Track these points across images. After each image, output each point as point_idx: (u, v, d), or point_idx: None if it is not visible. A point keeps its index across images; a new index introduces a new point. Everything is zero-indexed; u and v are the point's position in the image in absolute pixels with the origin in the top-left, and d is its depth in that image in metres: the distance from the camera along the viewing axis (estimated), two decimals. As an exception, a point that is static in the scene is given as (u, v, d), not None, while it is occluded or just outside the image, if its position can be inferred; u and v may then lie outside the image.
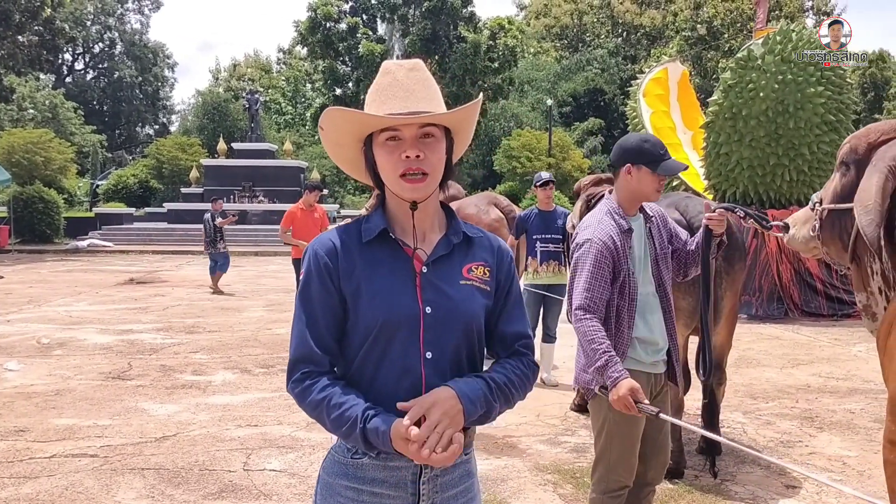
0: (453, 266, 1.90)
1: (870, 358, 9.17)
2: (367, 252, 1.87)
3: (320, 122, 1.89)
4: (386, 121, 1.80)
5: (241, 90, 59.90)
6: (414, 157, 1.80)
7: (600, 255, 3.20)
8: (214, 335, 10.42)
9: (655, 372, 3.37)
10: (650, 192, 3.28)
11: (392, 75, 1.87)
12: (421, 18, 31.31)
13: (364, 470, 1.86)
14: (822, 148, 12.96)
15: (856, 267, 2.84)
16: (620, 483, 3.34)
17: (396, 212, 1.92)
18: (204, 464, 5.27)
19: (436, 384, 1.81)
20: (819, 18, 51.97)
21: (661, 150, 3.29)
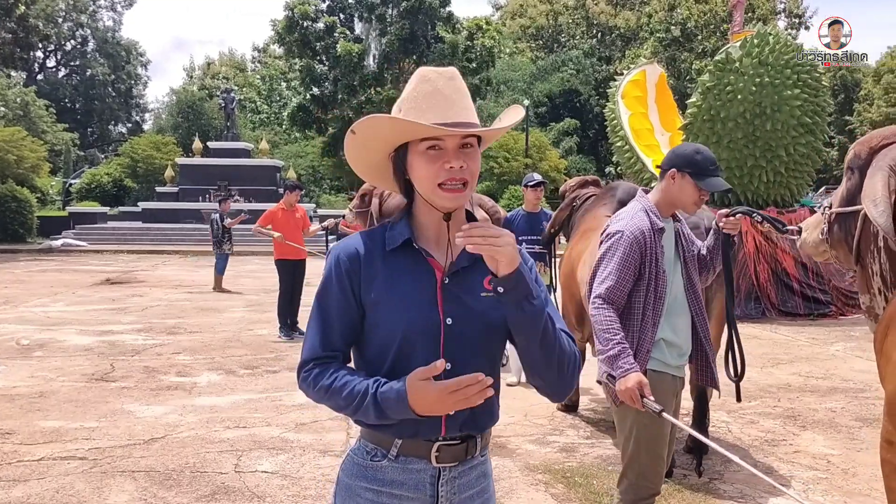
0: (475, 277, 1.88)
1: (847, 357, 9.33)
2: (390, 260, 1.87)
3: (354, 126, 1.86)
4: (437, 130, 1.77)
5: (215, 89, 59.49)
6: (458, 168, 1.79)
7: (630, 249, 3.22)
8: (196, 336, 10.36)
9: (679, 375, 3.42)
10: (688, 202, 3.32)
11: (432, 84, 1.84)
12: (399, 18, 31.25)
13: (383, 472, 1.87)
14: (799, 149, 13.15)
15: (860, 269, 2.90)
16: (651, 490, 3.34)
17: (425, 221, 1.91)
18: (195, 466, 5.25)
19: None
20: (791, 21, 52.62)
21: (711, 165, 3.31)
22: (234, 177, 33.52)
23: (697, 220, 5.18)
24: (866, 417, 6.62)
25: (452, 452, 1.87)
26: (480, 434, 1.93)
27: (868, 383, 7.88)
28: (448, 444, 1.86)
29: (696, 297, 3.38)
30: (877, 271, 2.81)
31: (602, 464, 5.42)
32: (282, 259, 10.42)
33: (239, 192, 33.10)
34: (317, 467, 5.27)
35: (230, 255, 16.07)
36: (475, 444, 1.92)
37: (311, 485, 4.95)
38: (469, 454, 1.91)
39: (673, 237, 3.38)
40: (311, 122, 33.33)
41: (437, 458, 1.86)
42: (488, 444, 2.00)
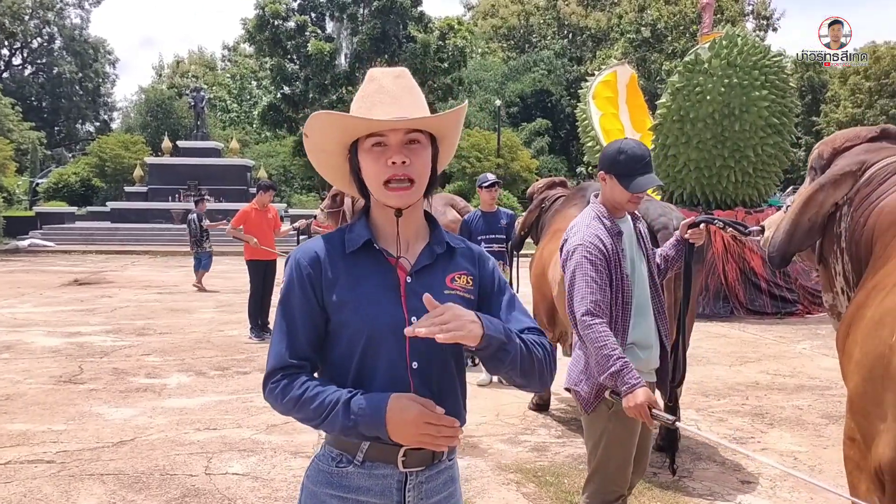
0: (437, 275, 1.90)
1: (814, 355, 9.46)
2: (350, 262, 1.87)
3: (305, 128, 1.88)
4: (372, 124, 1.79)
5: (185, 87, 59.01)
6: (400, 164, 1.79)
7: (593, 258, 3.16)
8: (166, 337, 10.28)
9: (651, 380, 3.40)
10: (622, 202, 3.24)
11: (378, 82, 1.86)
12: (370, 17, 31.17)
13: (349, 478, 1.85)
14: (766, 150, 13.31)
15: (823, 269, 2.95)
16: (617, 493, 3.34)
17: (381, 221, 1.91)
18: (164, 468, 5.21)
19: (423, 394, 1.81)
20: (759, 23, 53.20)
21: (636, 164, 3.18)
22: (204, 176, 33.26)
23: (666, 220, 5.21)
24: (832, 414, 6.71)
25: (419, 457, 1.86)
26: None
27: (834, 381, 7.99)
28: (415, 449, 1.84)
29: (658, 295, 3.37)
30: (839, 271, 2.86)
31: (573, 462, 5.45)
32: (253, 260, 10.36)
33: (209, 191, 32.79)
34: (288, 469, 5.25)
35: (212, 253, 16.45)
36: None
37: (283, 486, 4.93)
38: (436, 458, 1.90)
39: (634, 237, 3.34)
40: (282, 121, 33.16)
41: (404, 463, 1.84)
42: (455, 448, 1.98)
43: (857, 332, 2.49)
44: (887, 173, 2.64)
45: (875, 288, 2.49)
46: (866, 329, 2.42)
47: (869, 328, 2.40)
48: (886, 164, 2.66)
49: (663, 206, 5.59)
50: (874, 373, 2.34)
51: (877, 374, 2.33)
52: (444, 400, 1.85)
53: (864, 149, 2.73)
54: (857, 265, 2.77)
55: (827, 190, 2.71)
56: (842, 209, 2.76)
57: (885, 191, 2.67)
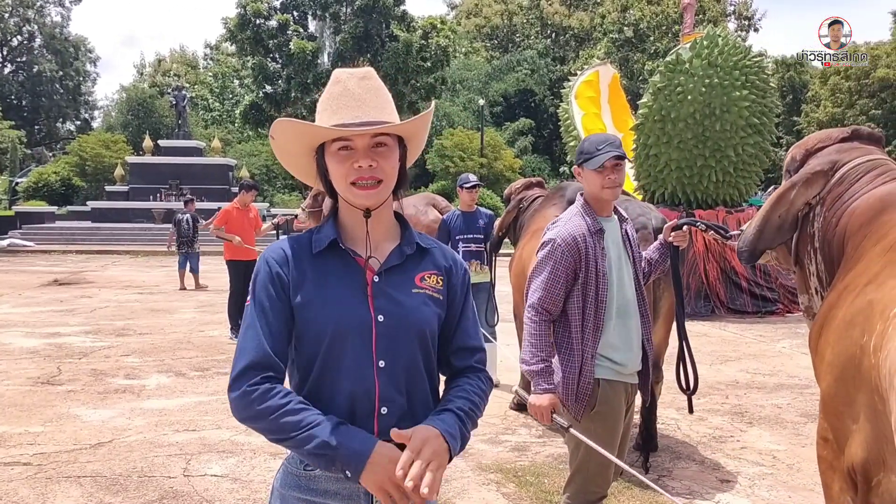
0: (406, 275, 1.90)
1: (794, 354, 9.51)
2: (317, 262, 1.86)
3: (270, 131, 1.88)
4: (336, 132, 1.79)
5: (166, 86, 58.71)
6: (367, 167, 1.80)
7: (562, 257, 3.19)
8: (146, 338, 10.21)
9: (632, 382, 3.41)
10: (597, 190, 3.25)
11: (343, 84, 1.86)
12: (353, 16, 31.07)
13: (317, 482, 1.84)
14: (747, 150, 13.39)
15: (799, 270, 2.96)
16: (598, 494, 3.36)
17: (349, 221, 1.91)
18: (143, 470, 5.17)
19: (390, 394, 1.81)
20: (741, 23, 53.50)
21: (598, 145, 3.24)
22: (186, 175, 33.09)
23: (645, 220, 5.23)
24: (811, 413, 6.75)
25: None
26: None
27: (813, 380, 7.99)
28: None
29: (643, 298, 3.38)
30: (813, 272, 2.87)
31: (553, 462, 5.45)
32: (233, 260, 10.30)
33: (191, 190, 32.63)
34: (267, 470, 5.23)
35: (199, 253, 16.59)
36: None
37: (262, 488, 4.90)
38: None
39: (619, 237, 3.34)
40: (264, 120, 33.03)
41: None
42: None
43: (829, 332, 2.51)
44: (859, 173, 2.66)
45: (846, 289, 2.50)
46: (838, 330, 2.43)
47: (840, 329, 2.41)
48: (858, 163, 2.67)
49: (643, 205, 5.61)
50: (846, 373, 2.35)
51: (848, 374, 2.34)
52: (412, 400, 1.86)
53: (836, 149, 2.75)
54: (829, 266, 2.78)
55: (798, 188, 2.72)
56: (815, 209, 2.78)
57: (857, 191, 2.68)
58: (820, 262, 2.80)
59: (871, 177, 2.64)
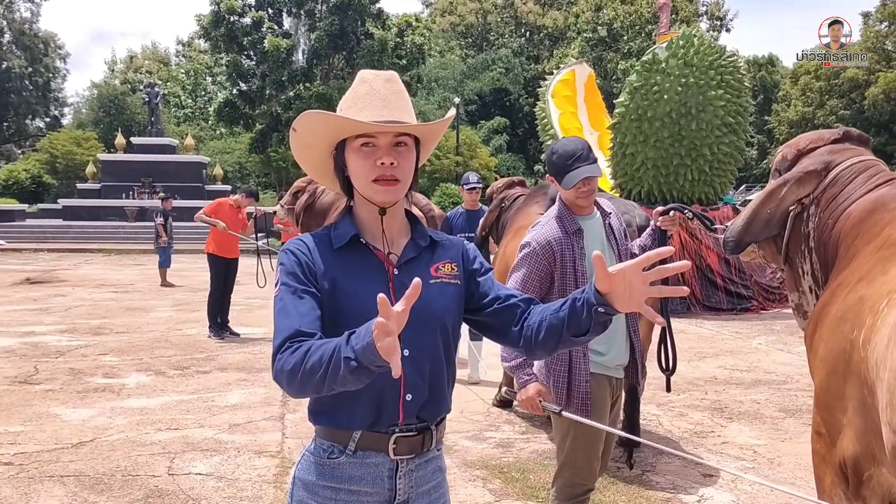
0: (422, 267, 1.95)
1: (770, 350, 9.64)
2: (339, 258, 1.90)
3: (294, 123, 1.91)
4: (366, 126, 1.84)
5: (138, 83, 58.12)
6: (388, 164, 1.85)
7: (536, 260, 3.27)
8: (123, 336, 10.12)
9: (617, 376, 3.44)
10: (571, 200, 3.32)
11: (369, 84, 1.91)
12: (328, 14, 30.90)
13: (341, 469, 1.89)
14: (722, 149, 13.52)
15: (789, 268, 3.00)
16: (586, 487, 3.39)
17: (365, 218, 1.96)
18: (126, 469, 5.14)
19: (415, 381, 1.86)
20: (713, 23, 53.97)
21: (567, 160, 3.26)
22: (158, 173, 32.84)
23: (630, 217, 5.28)
24: (789, 408, 6.85)
25: (409, 444, 1.90)
26: (435, 425, 1.96)
27: (790, 375, 8.16)
28: (405, 436, 1.89)
29: None
30: (807, 271, 2.91)
31: (538, 458, 5.49)
32: (214, 255, 10.23)
33: (164, 188, 32.37)
34: (252, 468, 5.21)
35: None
36: (431, 436, 1.95)
37: (248, 486, 4.89)
38: (425, 446, 1.94)
39: (602, 232, 3.38)
40: (239, 117, 32.78)
41: (395, 451, 1.88)
42: (443, 437, 2.03)
43: (822, 328, 2.55)
44: (852, 174, 2.70)
45: (839, 286, 2.54)
46: (830, 326, 2.48)
47: (832, 325, 2.46)
48: (850, 164, 2.72)
49: (626, 203, 5.66)
50: (837, 368, 2.39)
51: (839, 369, 2.38)
52: (433, 387, 1.91)
53: (828, 150, 2.80)
54: (825, 267, 2.82)
55: (790, 186, 2.76)
56: (808, 209, 2.82)
57: (851, 193, 2.72)
58: (815, 262, 2.84)
59: (864, 178, 2.69)
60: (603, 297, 1.74)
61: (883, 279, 2.31)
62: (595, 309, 1.76)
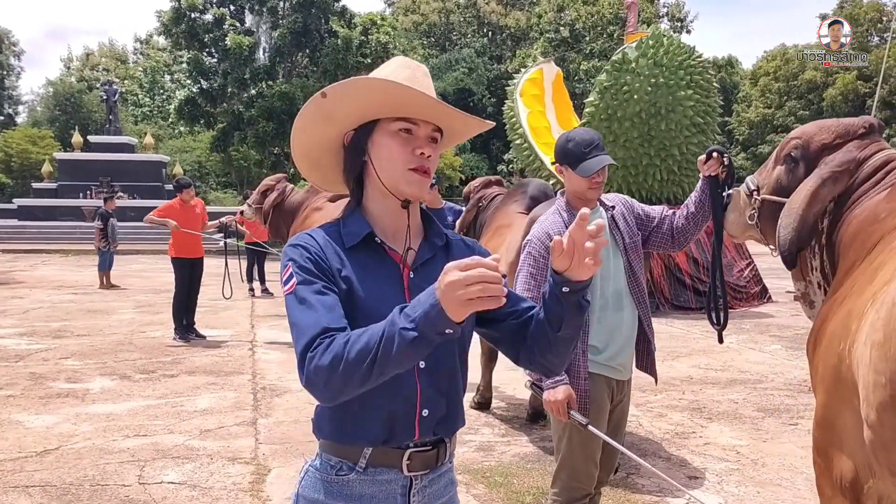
0: (437, 269, 1.78)
1: (742, 349, 9.65)
2: (352, 257, 1.74)
3: (327, 88, 1.71)
4: (428, 102, 1.69)
5: (95, 80, 57.15)
6: (426, 157, 1.73)
7: (537, 254, 3.20)
8: (85, 339, 9.83)
9: (617, 378, 3.33)
10: (582, 190, 3.23)
11: (412, 71, 1.77)
12: (291, 11, 30.52)
13: (350, 486, 1.75)
14: (691, 149, 13.55)
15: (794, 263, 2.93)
16: (584, 491, 3.30)
17: (379, 213, 1.80)
18: (94, 478, 4.92)
19: (432, 396, 1.73)
20: (674, 24, 54.45)
21: (584, 148, 3.19)
22: (117, 172, 32.29)
23: None
24: (767, 408, 6.83)
25: (424, 459, 1.77)
26: (450, 438, 1.84)
27: (764, 374, 8.16)
28: (419, 451, 1.76)
29: (639, 287, 3.32)
30: (816, 266, 2.85)
31: (521, 462, 5.38)
32: (179, 257, 9.96)
33: (123, 188, 31.86)
34: (227, 476, 5.03)
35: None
36: (445, 450, 1.82)
37: (223, 494, 4.71)
38: (440, 461, 1.81)
39: (606, 227, 3.29)
40: (200, 115, 32.27)
41: (409, 467, 1.75)
42: (454, 450, 1.90)
43: (820, 346, 2.54)
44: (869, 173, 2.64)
45: (835, 302, 2.54)
46: (826, 343, 2.48)
47: (827, 343, 2.47)
48: (874, 163, 2.65)
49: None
50: (832, 385, 2.40)
51: (833, 386, 2.39)
52: (450, 402, 1.78)
53: (857, 145, 2.71)
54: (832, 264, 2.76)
55: (828, 186, 2.66)
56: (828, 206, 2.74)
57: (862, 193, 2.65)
58: (826, 258, 2.77)
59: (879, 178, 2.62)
60: (562, 275, 1.56)
61: (869, 288, 2.31)
62: (560, 290, 1.58)
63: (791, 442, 5.86)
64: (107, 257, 16.08)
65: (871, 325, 2.02)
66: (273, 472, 5.12)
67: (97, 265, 16.33)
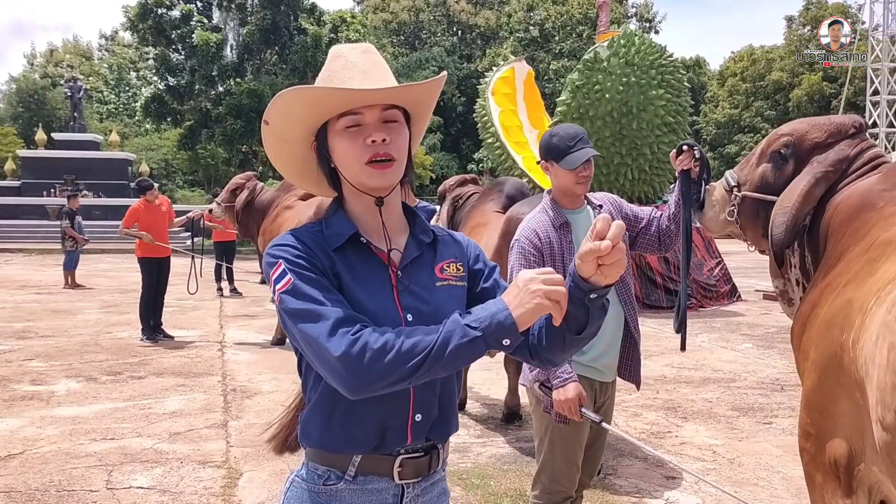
0: (426, 267, 1.73)
1: (714, 348, 9.68)
2: (338, 259, 1.65)
3: (265, 114, 1.65)
4: (346, 94, 1.59)
5: (59, 77, 56.27)
6: (380, 141, 1.61)
7: (526, 253, 3.15)
8: (49, 340, 9.63)
9: (600, 379, 3.28)
10: (569, 185, 3.18)
11: (344, 58, 1.68)
12: (260, 8, 30.22)
13: (339, 496, 1.67)
14: (662, 148, 13.60)
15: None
16: (564, 493, 3.26)
17: (359, 212, 1.72)
18: (61, 484, 4.79)
19: (425, 399, 1.66)
20: (642, 25, 54.81)
21: (568, 141, 3.16)
22: (81, 170, 31.75)
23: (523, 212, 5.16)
24: (741, 407, 6.84)
25: (416, 467, 1.70)
26: (442, 444, 1.77)
27: (737, 373, 8.18)
28: (411, 458, 1.69)
29: (626, 288, 3.27)
30: (796, 263, 2.84)
31: (497, 463, 5.32)
32: (145, 257, 9.79)
33: (87, 186, 31.36)
34: (198, 480, 4.92)
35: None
36: (438, 457, 1.76)
37: (194, 499, 4.60)
38: (432, 468, 1.75)
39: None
40: (167, 113, 31.86)
41: (401, 474, 1.68)
42: (447, 457, 1.84)
43: (811, 330, 2.52)
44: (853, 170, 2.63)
45: (828, 287, 2.51)
46: (820, 329, 2.45)
47: (822, 328, 2.44)
48: (861, 160, 2.64)
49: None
50: (829, 371, 2.38)
51: (831, 372, 2.37)
52: (443, 405, 1.72)
53: (847, 144, 2.71)
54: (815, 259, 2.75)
55: (822, 185, 2.65)
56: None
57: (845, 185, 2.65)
58: (807, 255, 2.75)
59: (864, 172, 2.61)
60: (588, 281, 1.51)
61: (871, 280, 2.29)
62: (587, 297, 1.53)
63: (766, 441, 5.86)
64: (72, 256, 15.82)
65: (886, 325, 1.98)
66: (245, 475, 5.02)
67: (62, 264, 16.07)
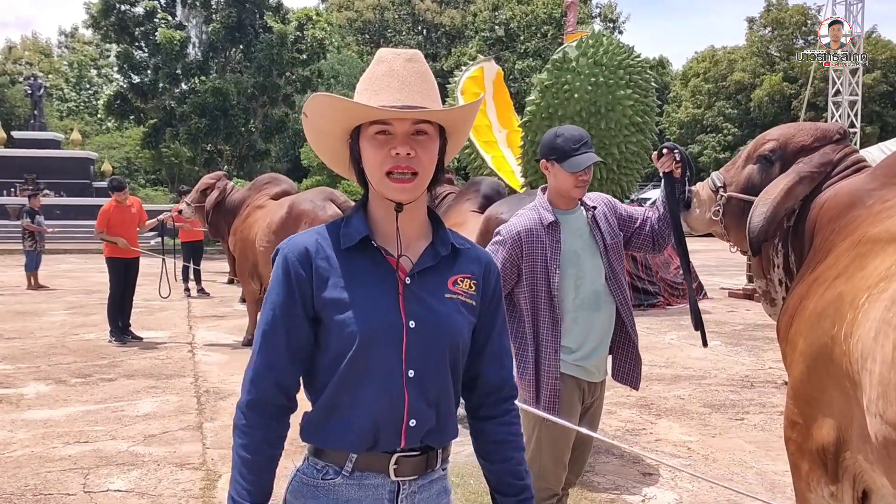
0: (439, 278, 1.75)
1: (683, 346, 9.80)
2: (345, 260, 1.69)
3: (304, 108, 1.70)
4: (375, 112, 1.62)
5: (17, 74, 55.28)
6: (404, 155, 1.63)
7: (503, 249, 3.19)
8: (15, 342, 9.48)
9: (590, 380, 3.29)
10: (568, 187, 3.19)
11: (388, 64, 1.69)
12: (225, 6, 29.97)
13: (337, 490, 1.69)
14: (630, 148, 13.68)
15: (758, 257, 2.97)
16: (551, 491, 3.28)
17: (380, 215, 1.74)
18: (36, 488, 4.73)
19: (419, 406, 1.68)
20: (606, 25, 55.21)
21: (573, 144, 3.16)
22: (42, 169, 31.20)
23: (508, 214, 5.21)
24: (713, 403, 6.94)
25: (412, 465, 1.72)
26: (441, 447, 1.79)
27: (707, 370, 8.29)
28: (407, 456, 1.71)
29: (619, 286, 3.27)
30: (779, 263, 2.90)
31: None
32: (113, 257, 9.67)
33: (49, 185, 30.85)
34: (176, 482, 4.88)
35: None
36: (436, 456, 1.78)
37: (174, 501, 4.57)
38: (429, 467, 1.76)
39: (585, 226, 3.26)
40: (130, 111, 31.45)
41: (396, 472, 1.70)
42: (448, 457, 1.85)
43: (800, 323, 2.57)
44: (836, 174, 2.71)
45: (816, 281, 2.56)
46: (809, 321, 2.50)
47: (812, 320, 2.48)
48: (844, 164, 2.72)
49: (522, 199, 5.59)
50: (818, 363, 2.43)
51: (820, 363, 2.41)
52: (440, 413, 1.73)
53: (832, 149, 2.79)
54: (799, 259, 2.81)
55: (805, 184, 2.73)
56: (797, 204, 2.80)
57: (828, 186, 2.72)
58: (790, 256, 2.81)
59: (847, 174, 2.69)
60: None
61: (861, 275, 2.34)
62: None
63: (739, 437, 5.96)
64: (33, 257, 15.58)
65: (886, 321, 2.03)
66: (223, 477, 4.99)
67: (24, 265, 15.84)
